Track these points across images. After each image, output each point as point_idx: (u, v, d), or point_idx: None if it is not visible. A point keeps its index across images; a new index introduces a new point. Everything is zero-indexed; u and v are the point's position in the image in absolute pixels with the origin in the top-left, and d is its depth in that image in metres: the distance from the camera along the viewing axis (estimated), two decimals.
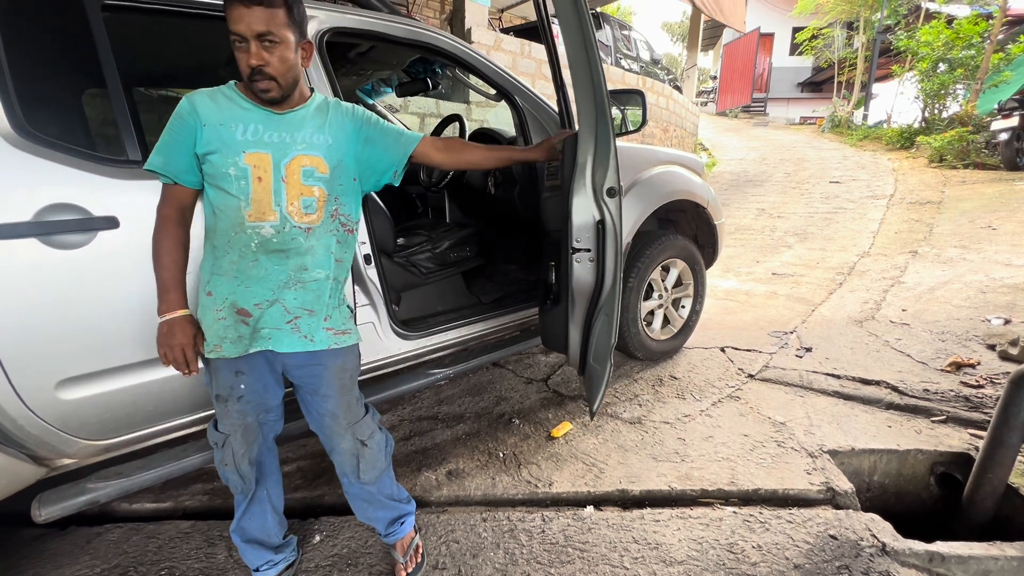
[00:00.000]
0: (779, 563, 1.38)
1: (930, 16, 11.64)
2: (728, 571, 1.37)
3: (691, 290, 2.65)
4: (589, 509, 1.63)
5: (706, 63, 23.43)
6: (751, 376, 2.48)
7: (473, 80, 2.25)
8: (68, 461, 1.32)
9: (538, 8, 1.71)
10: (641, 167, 2.32)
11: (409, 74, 2.74)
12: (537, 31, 2.09)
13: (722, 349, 2.78)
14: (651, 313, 2.55)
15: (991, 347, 2.52)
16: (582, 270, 1.67)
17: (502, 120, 5.14)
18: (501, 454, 1.94)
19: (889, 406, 2.13)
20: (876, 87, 14.12)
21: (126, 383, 1.27)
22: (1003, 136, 6.82)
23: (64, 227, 1.13)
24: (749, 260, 4.78)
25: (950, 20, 10.06)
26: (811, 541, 1.45)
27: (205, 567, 1.46)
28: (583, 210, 1.62)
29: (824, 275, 4.13)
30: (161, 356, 1.10)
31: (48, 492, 1.30)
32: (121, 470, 1.38)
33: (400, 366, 1.84)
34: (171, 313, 1.09)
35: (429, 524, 1.59)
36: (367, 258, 1.62)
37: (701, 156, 10.36)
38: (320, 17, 1.58)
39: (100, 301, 1.20)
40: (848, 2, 13.05)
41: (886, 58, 13.15)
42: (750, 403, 2.22)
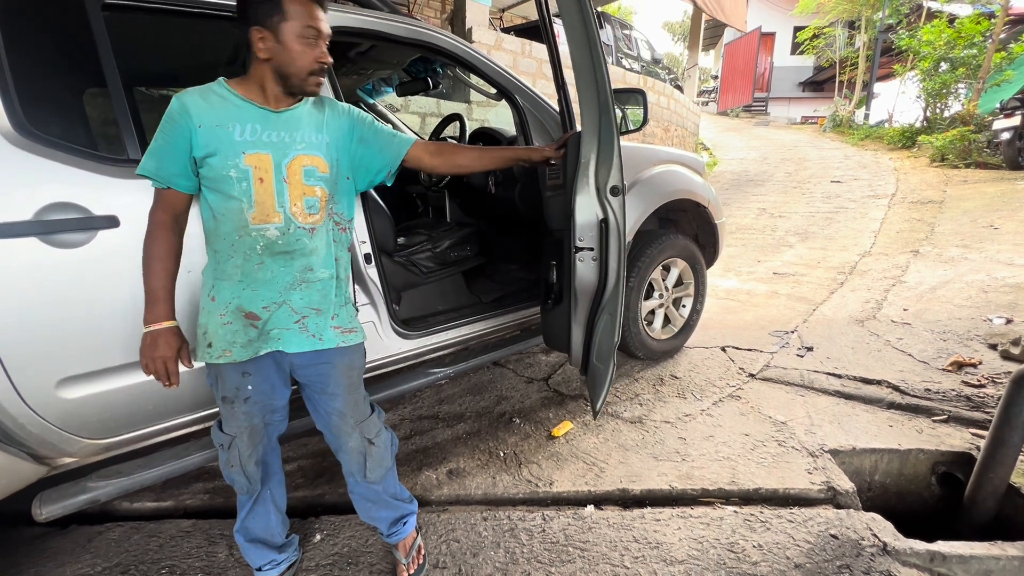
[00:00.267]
0: (780, 562, 1.38)
1: (932, 15, 11.62)
2: (729, 570, 1.37)
3: (692, 289, 2.65)
4: (590, 508, 1.63)
5: (707, 63, 23.42)
6: (752, 375, 2.47)
7: (474, 79, 2.24)
8: (69, 460, 1.32)
9: (540, 7, 1.70)
10: (642, 166, 2.31)
11: (410, 73, 2.74)
12: (538, 30, 2.09)
13: (723, 348, 2.78)
14: (652, 312, 2.54)
15: (993, 346, 2.51)
16: (585, 269, 1.66)
17: (503, 119, 5.14)
18: (502, 453, 1.93)
19: (890, 405, 2.12)
20: (878, 86, 14.09)
21: (126, 382, 1.27)
22: (1005, 135, 6.80)
23: (64, 226, 1.13)
24: (750, 259, 4.77)
25: (952, 19, 10.02)
26: (812, 540, 1.44)
27: (206, 565, 1.46)
28: (586, 209, 1.61)
29: (825, 274, 4.12)
30: (143, 367, 1.09)
31: (49, 491, 1.30)
32: (122, 469, 1.38)
33: (401, 365, 1.84)
34: (157, 324, 1.07)
35: (430, 523, 1.59)
36: (367, 257, 1.62)
37: (702, 155, 10.34)
38: None
39: (100, 300, 1.20)
40: (849, 1, 13.01)
41: (888, 57, 13.10)
42: (751, 402, 2.21)
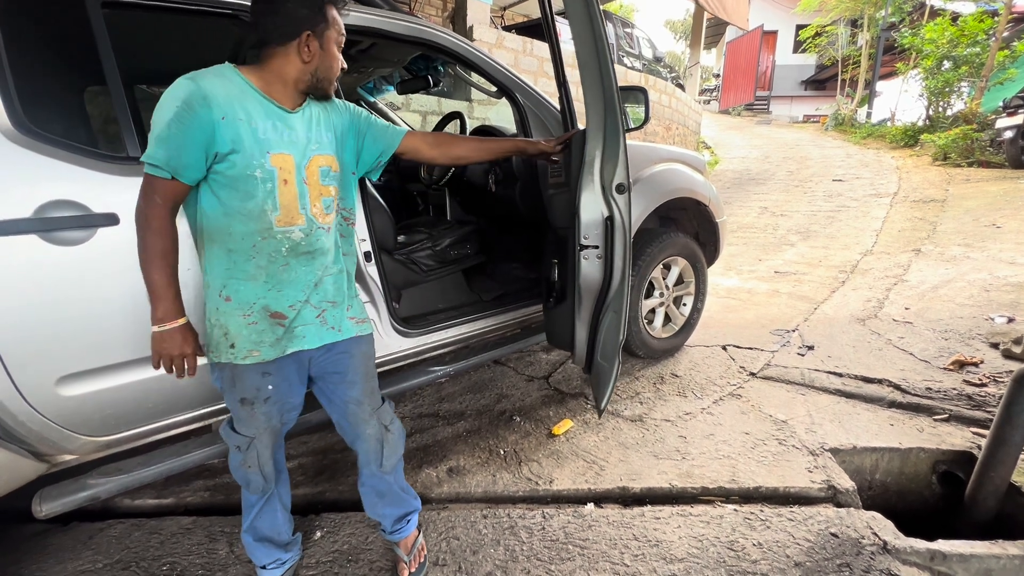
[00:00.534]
0: (780, 561, 1.38)
1: (935, 13, 11.57)
2: (729, 569, 1.37)
3: (692, 288, 2.64)
4: (590, 506, 1.63)
5: (709, 61, 23.31)
6: (753, 374, 2.47)
7: (475, 78, 2.24)
8: (69, 457, 1.32)
9: (542, 5, 1.70)
10: (643, 164, 2.31)
11: (411, 71, 2.73)
12: (540, 28, 2.08)
13: (724, 347, 2.77)
14: (652, 311, 2.54)
15: (994, 345, 2.51)
16: (590, 267, 1.66)
17: (504, 118, 5.13)
18: (502, 451, 1.94)
19: (891, 404, 2.12)
20: (880, 85, 14.04)
21: (127, 379, 1.27)
22: (1008, 134, 6.79)
23: (64, 224, 1.13)
24: (751, 258, 4.77)
25: (955, 17, 9.98)
26: (812, 539, 1.44)
27: (207, 562, 1.47)
28: (591, 206, 1.61)
29: (827, 273, 4.11)
30: (158, 364, 1.04)
31: (49, 488, 1.30)
32: (122, 466, 1.38)
33: (401, 363, 1.84)
34: (171, 323, 1.02)
35: (430, 520, 1.59)
36: (368, 255, 1.63)
37: (703, 154, 10.32)
38: None
39: (100, 297, 1.21)
40: None
41: (890, 56, 13.05)
42: (751, 401, 2.21)
